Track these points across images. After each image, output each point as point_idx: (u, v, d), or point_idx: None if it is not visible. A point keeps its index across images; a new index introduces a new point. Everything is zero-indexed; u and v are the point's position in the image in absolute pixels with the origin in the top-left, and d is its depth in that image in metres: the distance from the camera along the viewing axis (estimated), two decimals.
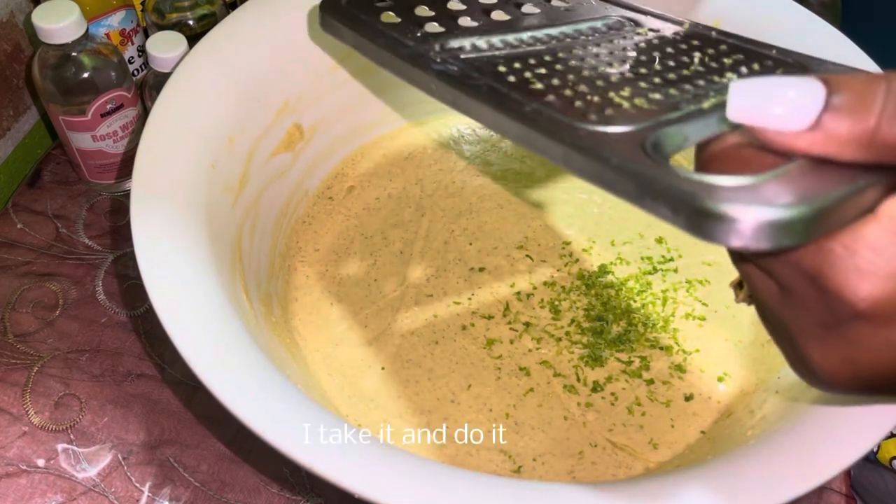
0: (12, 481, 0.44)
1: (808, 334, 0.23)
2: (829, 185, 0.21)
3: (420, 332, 0.48)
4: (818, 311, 0.23)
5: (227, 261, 0.39)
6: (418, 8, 0.37)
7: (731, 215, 0.20)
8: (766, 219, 0.20)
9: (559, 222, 0.53)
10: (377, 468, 0.30)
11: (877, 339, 0.22)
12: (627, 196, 0.24)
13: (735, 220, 0.20)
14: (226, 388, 0.31)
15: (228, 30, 0.45)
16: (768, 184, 0.21)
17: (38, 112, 0.61)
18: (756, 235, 0.20)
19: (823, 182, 0.21)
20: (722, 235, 0.21)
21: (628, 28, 0.35)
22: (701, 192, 0.21)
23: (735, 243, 0.21)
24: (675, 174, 0.23)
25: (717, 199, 0.21)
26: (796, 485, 0.30)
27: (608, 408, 0.45)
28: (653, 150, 0.25)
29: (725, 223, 0.21)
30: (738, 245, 0.21)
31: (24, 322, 0.51)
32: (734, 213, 0.20)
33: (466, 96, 0.30)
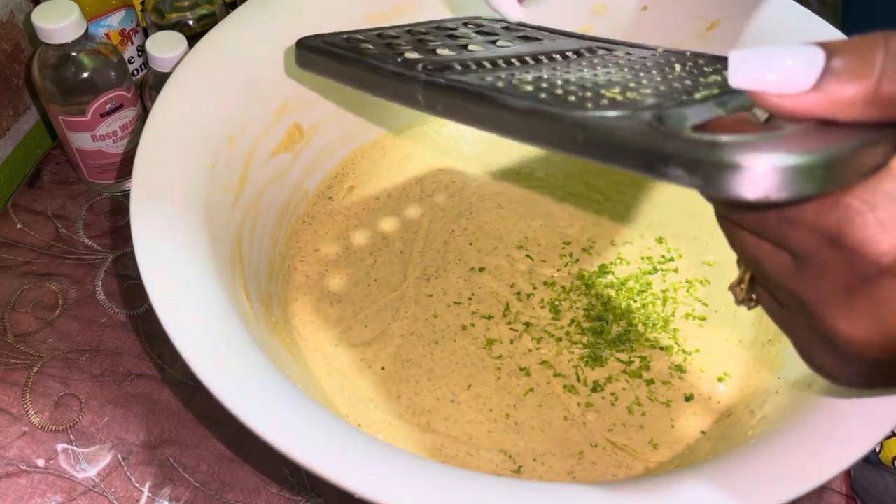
0: (12, 481, 0.44)
1: (831, 302, 0.22)
2: (839, 140, 0.21)
3: (420, 332, 0.48)
4: (840, 273, 0.22)
5: (227, 261, 0.39)
6: (395, 41, 0.37)
7: (749, 163, 0.20)
8: (785, 164, 0.20)
9: (559, 222, 0.53)
10: (377, 468, 0.30)
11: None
12: (638, 166, 0.23)
13: (754, 169, 0.20)
14: (226, 388, 0.31)
15: (228, 30, 0.45)
16: (780, 139, 0.21)
17: (37, 112, 0.61)
18: (776, 183, 0.20)
19: (833, 137, 0.21)
20: (741, 187, 0.20)
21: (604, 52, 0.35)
22: (715, 146, 0.21)
23: (754, 194, 0.20)
24: (685, 137, 0.22)
25: (733, 151, 0.21)
26: (796, 485, 0.30)
27: (608, 408, 0.45)
28: (657, 122, 0.25)
29: (744, 173, 0.20)
30: (757, 196, 0.20)
31: (24, 322, 0.51)
32: (752, 162, 0.20)
33: (458, 100, 0.30)
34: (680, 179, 0.22)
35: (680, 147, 0.22)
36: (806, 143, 0.21)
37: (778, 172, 0.20)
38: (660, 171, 0.22)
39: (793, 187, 0.20)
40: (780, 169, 0.20)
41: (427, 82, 0.31)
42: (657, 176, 0.22)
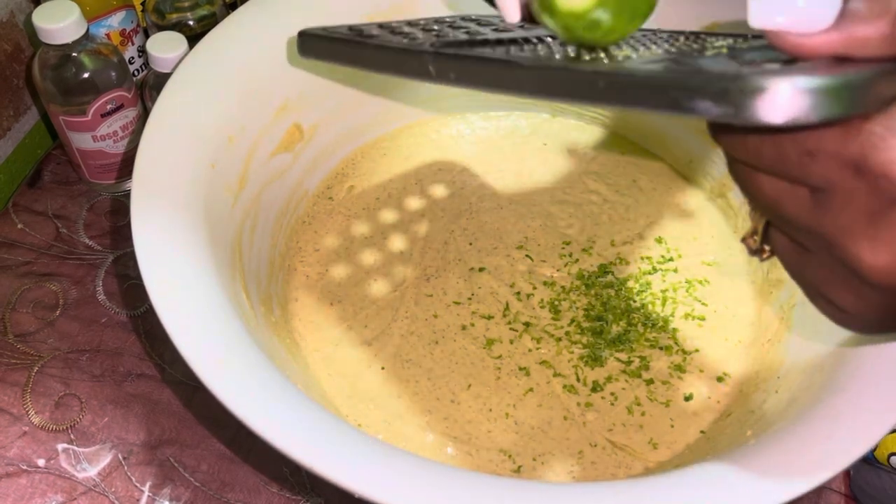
0: (12, 481, 0.44)
1: (855, 232, 0.23)
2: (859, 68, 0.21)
3: (420, 332, 0.48)
4: (863, 201, 0.22)
5: (227, 261, 0.39)
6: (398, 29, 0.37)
7: (776, 87, 0.20)
8: (809, 86, 0.20)
9: (559, 222, 0.53)
10: (377, 468, 0.30)
11: None
12: (663, 104, 0.23)
13: (780, 92, 0.20)
14: (226, 388, 0.31)
15: (228, 30, 0.45)
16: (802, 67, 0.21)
17: (38, 112, 0.61)
18: (801, 106, 0.20)
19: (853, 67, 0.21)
20: (768, 112, 0.20)
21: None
22: (741, 75, 0.21)
23: (782, 117, 0.20)
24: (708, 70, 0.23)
25: (758, 77, 0.21)
26: (796, 484, 0.30)
27: (608, 408, 0.45)
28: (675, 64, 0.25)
29: (770, 97, 0.20)
30: (784, 119, 0.20)
31: (25, 322, 0.51)
32: (777, 85, 0.20)
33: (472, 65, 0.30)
34: (707, 111, 0.22)
35: (705, 79, 0.22)
36: (829, 70, 0.21)
37: (805, 94, 0.20)
38: (685, 105, 0.22)
39: (820, 109, 0.20)
40: (807, 90, 0.20)
41: (437, 53, 0.31)
42: (683, 111, 0.22)
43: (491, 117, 0.59)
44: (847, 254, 0.23)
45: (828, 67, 0.22)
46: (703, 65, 0.26)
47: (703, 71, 0.23)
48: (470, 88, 0.30)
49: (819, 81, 0.20)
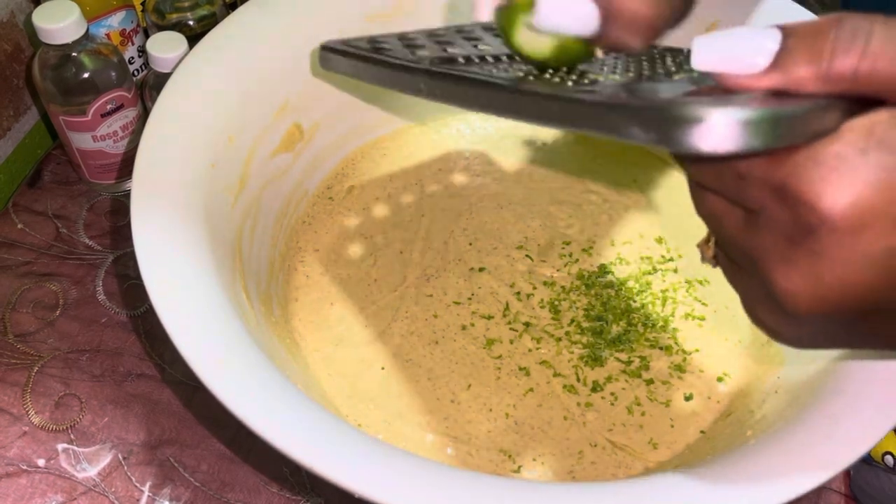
0: (12, 481, 0.44)
1: (773, 255, 0.24)
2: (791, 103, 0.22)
3: (420, 332, 0.48)
4: (785, 227, 0.23)
5: (227, 261, 0.39)
6: (413, 42, 0.40)
7: (703, 116, 0.22)
8: (737, 118, 0.21)
9: (559, 222, 0.53)
10: (377, 468, 0.30)
11: (841, 250, 0.22)
12: (602, 128, 0.25)
13: (707, 121, 0.21)
14: (226, 388, 0.31)
15: (228, 30, 0.45)
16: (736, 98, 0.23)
17: (38, 112, 0.61)
18: (728, 136, 0.21)
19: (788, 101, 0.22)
20: (695, 140, 0.22)
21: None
22: (669, 103, 0.23)
23: (708, 146, 0.22)
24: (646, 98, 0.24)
25: (684, 105, 0.22)
26: (796, 484, 0.30)
27: (608, 408, 0.45)
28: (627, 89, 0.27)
29: (698, 126, 0.22)
30: (710, 148, 0.22)
31: (25, 322, 0.51)
32: (706, 114, 0.22)
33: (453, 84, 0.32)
34: (638, 137, 0.23)
35: (636, 105, 0.23)
36: (759, 104, 0.22)
37: (730, 125, 0.21)
38: (620, 130, 0.24)
39: (744, 140, 0.21)
40: (733, 122, 0.21)
41: (430, 72, 0.34)
42: (621, 137, 0.24)
43: (491, 117, 0.59)
44: (766, 276, 0.24)
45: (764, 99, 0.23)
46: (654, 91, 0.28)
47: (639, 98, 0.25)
48: (455, 106, 0.33)
49: (744, 114, 0.21)
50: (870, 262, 0.22)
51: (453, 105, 0.33)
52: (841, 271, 0.22)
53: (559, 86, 0.29)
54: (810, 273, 0.23)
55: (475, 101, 0.31)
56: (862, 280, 0.22)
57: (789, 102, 0.22)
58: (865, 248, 0.22)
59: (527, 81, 0.30)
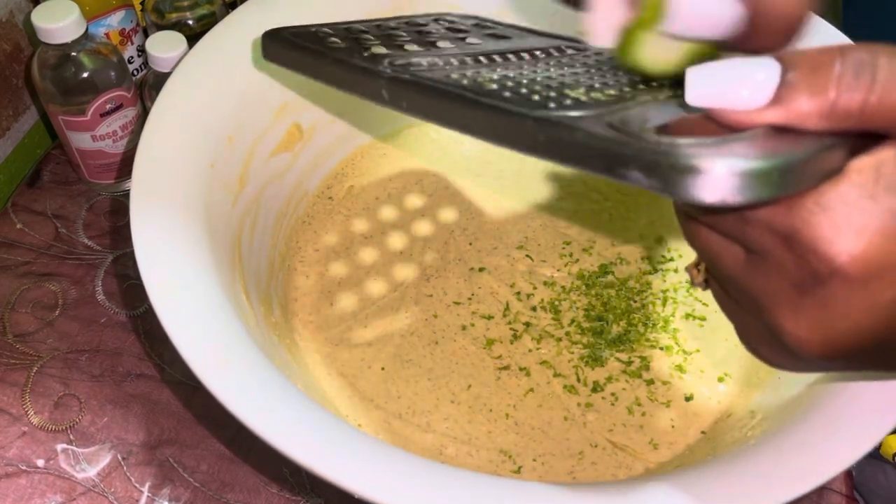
0: (12, 481, 0.44)
1: (780, 300, 0.23)
2: (795, 145, 0.21)
3: (420, 332, 0.48)
4: (792, 273, 0.22)
5: (227, 261, 0.39)
6: (363, 36, 0.37)
7: (707, 168, 0.20)
8: (741, 169, 0.20)
9: (559, 222, 0.53)
10: (377, 468, 0.30)
11: (852, 299, 0.22)
12: (598, 168, 0.23)
13: (710, 172, 0.20)
14: (226, 388, 0.31)
15: (228, 30, 0.45)
16: (739, 142, 0.21)
17: (37, 112, 0.61)
18: (732, 188, 0.20)
19: (790, 143, 0.21)
20: (698, 191, 0.21)
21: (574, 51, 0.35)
22: (673, 149, 0.21)
23: (711, 197, 0.21)
24: (645, 139, 0.23)
25: (690, 154, 0.21)
26: (796, 485, 0.30)
27: (608, 408, 0.45)
28: (618, 124, 0.25)
29: (701, 177, 0.20)
30: (714, 199, 0.21)
31: (24, 322, 0.51)
32: (709, 165, 0.20)
33: (422, 97, 0.30)
34: (638, 181, 0.22)
35: (638, 150, 0.22)
36: (763, 148, 0.21)
37: (734, 177, 0.20)
38: (619, 173, 0.22)
39: (749, 192, 0.20)
40: (737, 174, 0.20)
41: (392, 78, 0.31)
42: (616, 178, 0.22)
43: None
44: (771, 319, 0.23)
45: (766, 140, 0.21)
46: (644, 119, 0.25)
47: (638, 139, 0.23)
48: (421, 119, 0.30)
49: (750, 164, 0.20)
50: (881, 310, 0.22)
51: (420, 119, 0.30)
52: (852, 321, 0.22)
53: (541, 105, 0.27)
54: (820, 321, 0.22)
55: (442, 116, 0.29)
56: (874, 327, 0.22)
57: (794, 143, 0.21)
58: (876, 298, 0.22)
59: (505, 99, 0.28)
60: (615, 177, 0.22)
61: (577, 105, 0.27)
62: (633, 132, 0.24)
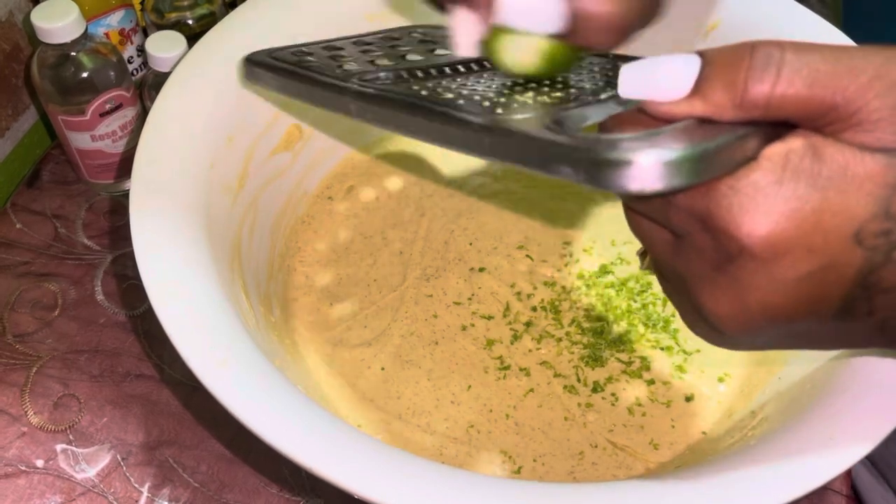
0: (11, 482, 0.44)
1: (700, 278, 0.25)
2: (711, 135, 0.23)
3: (420, 332, 0.48)
4: (709, 253, 0.24)
5: (227, 261, 0.39)
6: (339, 53, 0.39)
7: (626, 159, 0.22)
8: (658, 160, 0.22)
9: (559, 222, 0.53)
10: (377, 468, 0.30)
11: (761, 277, 0.23)
12: (533, 164, 0.25)
13: (630, 163, 0.22)
14: (225, 389, 0.31)
15: (228, 30, 0.45)
16: (660, 135, 0.23)
17: (36, 112, 0.61)
18: (650, 176, 0.22)
19: (706, 132, 0.23)
20: (620, 181, 0.23)
21: None
22: (596, 144, 0.23)
23: (632, 186, 0.23)
24: (574, 137, 0.25)
25: (611, 147, 0.23)
26: (796, 485, 0.30)
27: (609, 408, 0.45)
28: (555, 125, 0.27)
29: (621, 168, 0.22)
30: (635, 188, 0.23)
31: (23, 322, 0.50)
32: (628, 157, 0.22)
33: (384, 109, 0.32)
34: (569, 176, 0.24)
35: (565, 147, 0.24)
36: (681, 139, 0.23)
37: (652, 167, 0.22)
38: (552, 169, 0.25)
39: (665, 180, 0.22)
40: (654, 164, 0.22)
41: (358, 92, 0.33)
42: (552, 174, 0.25)
43: None
44: (694, 297, 0.26)
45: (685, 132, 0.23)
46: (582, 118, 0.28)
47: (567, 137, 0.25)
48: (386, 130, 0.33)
49: (665, 155, 0.22)
50: (788, 287, 0.23)
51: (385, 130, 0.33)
52: (762, 296, 0.24)
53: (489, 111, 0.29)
54: (734, 297, 0.24)
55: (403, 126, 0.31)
56: (782, 303, 0.24)
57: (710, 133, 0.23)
58: (783, 275, 0.23)
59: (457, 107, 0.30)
60: (551, 173, 0.25)
61: (522, 108, 0.29)
62: (567, 131, 0.26)
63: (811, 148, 0.23)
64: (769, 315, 0.24)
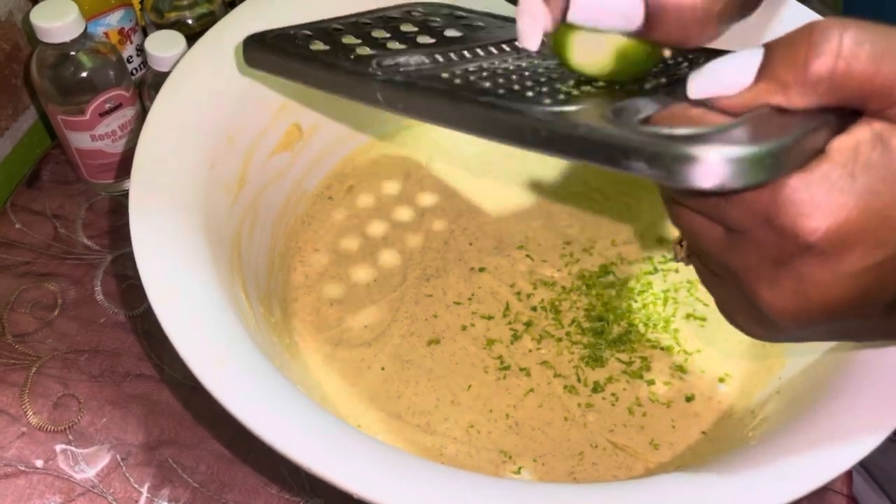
0: (10, 482, 0.44)
1: (758, 274, 0.25)
2: (784, 128, 0.23)
3: (420, 332, 0.48)
4: (769, 249, 0.24)
5: (226, 261, 0.39)
6: (345, 37, 0.37)
7: (706, 157, 0.22)
8: (736, 156, 0.22)
9: (559, 222, 0.53)
10: (377, 468, 0.30)
11: (826, 271, 0.23)
12: (600, 160, 0.24)
13: (709, 160, 0.22)
14: (225, 389, 0.31)
15: (227, 29, 0.45)
16: (733, 130, 0.23)
17: (36, 111, 0.61)
18: (730, 173, 0.22)
19: (779, 126, 0.23)
20: (698, 178, 0.22)
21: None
22: (675, 140, 0.23)
23: (710, 183, 0.22)
24: (644, 131, 0.24)
25: (690, 144, 0.22)
26: (797, 485, 0.30)
27: (609, 408, 0.45)
28: (615, 116, 0.26)
29: (701, 165, 0.22)
30: (713, 185, 0.22)
31: (23, 322, 0.50)
32: (708, 154, 0.22)
33: (418, 97, 0.30)
34: (640, 171, 0.23)
35: (640, 141, 0.23)
36: (755, 134, 0.22)
37: (731, 163, 0.22)
38: (621, 164, 0.24)
39: (745, 177, 0.22)
40: (733, 161, 0.22)
41: (385, 81, 0.32)
42: (617, 168, 0.24)
43: None
44: (749, 291, 0.25)
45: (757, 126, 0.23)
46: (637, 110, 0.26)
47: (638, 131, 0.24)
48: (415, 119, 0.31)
49: (745, 151, 0.22)
50: (853, 281, 0.23)
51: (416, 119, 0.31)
52: (825, 291, 0.24)
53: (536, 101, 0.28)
54: (796, 292, 0.24)
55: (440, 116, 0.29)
56: (844, 297, 0.24)
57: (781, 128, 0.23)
58: (849, 269, 0.23)
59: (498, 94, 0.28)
60: (617, 167, 0.24)
61: (570, 99, 0.28)
62: (630, 123, 0.25)
63: (879, 139, 0.23)
64: (828, 309, 0.24)
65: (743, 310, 0.27)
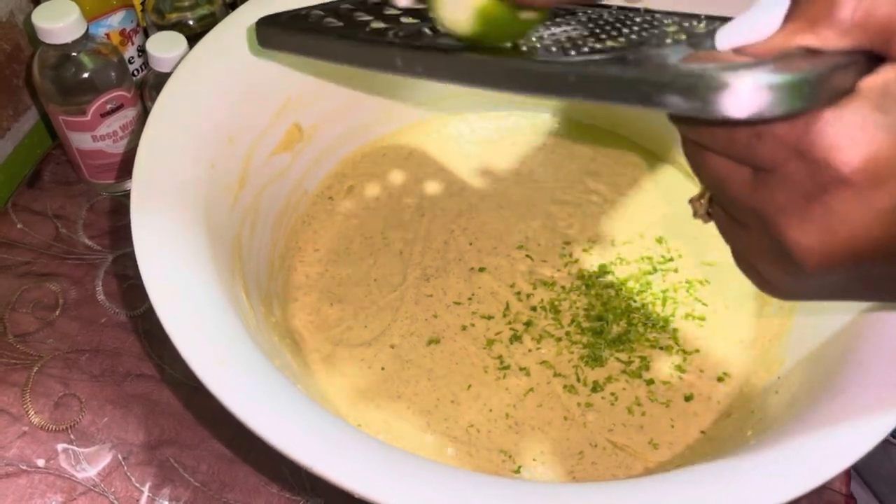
0: (12, 481, 0.44)
1: (789, 211, 0.24)
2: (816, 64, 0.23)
3: (420, 332, 0.48)
4: (800, 184, 0.24)
5: (227, 261, 0.39)
6: (355, 14, 0.37)
7: (743, 84, 0.22)
8: (775, 82, 0.22)
9: (559, 222, 0.53)
10: (377, 468, 0.30)
11: (857, 206, 0.23)
12: (631, 99, 0.24)
13: (747, 88, 0.22)
14: (226, 388, 0.31)
15: (228, 30, 0.45)
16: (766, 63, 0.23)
17: (37, 112, 0.61)
18: (768, 101, 0.22)
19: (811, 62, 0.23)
20: (736, 107, 0.22)
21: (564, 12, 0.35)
22: (708, 71, 0.22)
23: (748, 112, 0.22)
24: (676, 65, 0.24)
25: (726, 73, 0.22)
26: (796, 485, 0.30)
27: (608, 408, 0.45)
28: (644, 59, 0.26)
29: (738, 93, 0.22)
30: (750, 113, 0.22)
31: (24, 322, 0.51)
32: (745, 81, 0.22)
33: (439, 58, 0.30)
34: (675, 106, 0.23)
35: (674, 74, 0.23)
36: (790, 66, 0.22)
37: (770, 90, 0.22)
38: (655, 100, 0.23)
39: (782, 104, 0.22)
40: (772, 86, 0.22)
41: (404, 45, 0.32)
42: (652, 105, 0.24)
43: (491, 117, 0.59)
44: (779, 231, 0.25)
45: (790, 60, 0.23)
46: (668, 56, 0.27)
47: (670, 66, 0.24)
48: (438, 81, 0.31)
49: (783, 78, 0.22)
50: (882, 219, 0.23)
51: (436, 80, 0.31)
52: (854, 226, 0.23)
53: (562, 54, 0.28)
54: (825, 228, 0.24)
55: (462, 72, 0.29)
56: (872, 235, 0.23)
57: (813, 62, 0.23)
58: (879, 204, 0.23)
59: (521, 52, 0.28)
60: (649, 104, 0.24)
61: (597, 51, 0.28)
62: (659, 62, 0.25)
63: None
64: (856, 249, 0.24)
65: (767, 257, 0.26)
